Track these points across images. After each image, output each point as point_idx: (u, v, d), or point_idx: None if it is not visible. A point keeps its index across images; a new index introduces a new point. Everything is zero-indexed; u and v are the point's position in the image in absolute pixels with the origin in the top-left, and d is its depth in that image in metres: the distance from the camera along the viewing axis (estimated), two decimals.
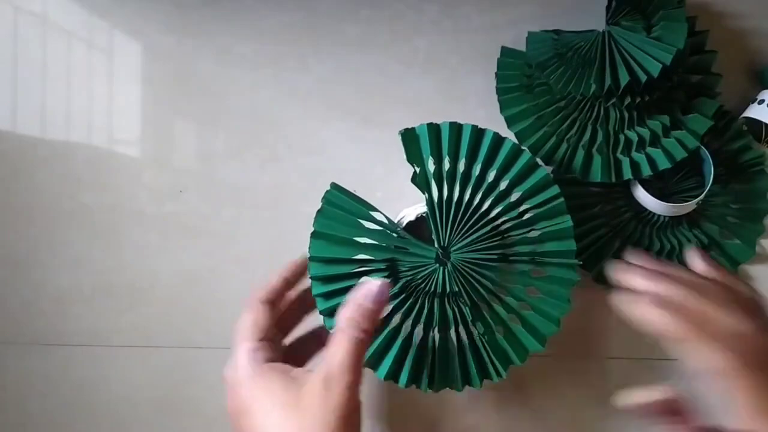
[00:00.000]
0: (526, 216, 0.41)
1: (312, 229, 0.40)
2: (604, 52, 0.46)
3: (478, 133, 0.42)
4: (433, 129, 0.41)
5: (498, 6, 0.53)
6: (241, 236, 0.51)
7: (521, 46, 0.50)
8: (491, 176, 0.42)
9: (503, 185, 0.42)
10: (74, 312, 0.50)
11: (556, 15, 0.52)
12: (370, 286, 0.36)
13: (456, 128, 0.42)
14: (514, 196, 0.42)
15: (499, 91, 0.50)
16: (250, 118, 0.52)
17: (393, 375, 0.40)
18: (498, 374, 0.41)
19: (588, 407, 0.49)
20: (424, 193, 0.41)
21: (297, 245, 0.42)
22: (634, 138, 0.47)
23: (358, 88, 0.52)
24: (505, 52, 0.51)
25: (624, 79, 0.44)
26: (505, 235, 0.41)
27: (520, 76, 0.50)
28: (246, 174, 0.52)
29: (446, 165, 0.41)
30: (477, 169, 0.42)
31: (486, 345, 0.41)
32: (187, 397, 0.50)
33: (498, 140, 0.42)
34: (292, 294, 0.43)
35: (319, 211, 0.41)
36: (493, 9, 0.53)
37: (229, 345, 0.38)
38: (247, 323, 0.39)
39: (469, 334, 0.41)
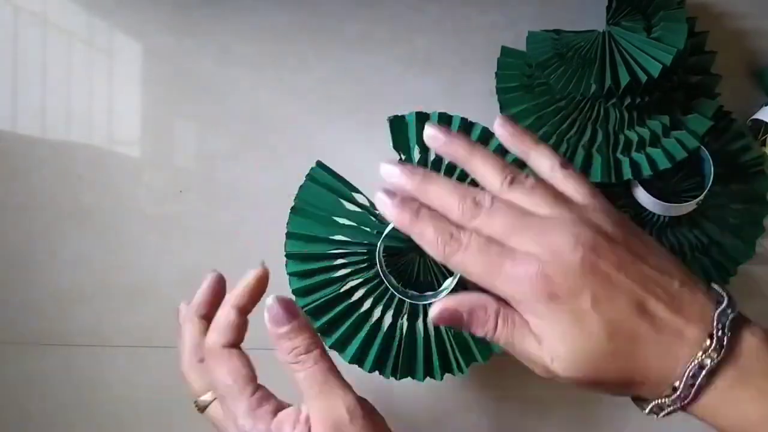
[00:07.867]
0: None
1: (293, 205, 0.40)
2: (604, 52, 0.46)
3: (467, 125, 0.42)
4: (422, 118, 0.41)
5: (498, 6, 0.53)
6: (241, 236, 0.51)
7: (521, 46, 0.50)
8: None
9: None
10: (74, 312, 0.50)
11: (556, 15, 0.52)
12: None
13: (445, 118, 0.42)
14: None
15: (499, 91, 0.50)
16: (250, 118, 0.52)
17: (358, 359, 0.40)
18: (460, 370, 0.41)
19: (590, 406, 0.49)
20: None
21: None
22: (634, 138, 0.47)
23: (358, 88, 0.52)
24: (505, 52, 0.51)
25: (624, 79, 0.44)
26: None
27: (520, 76, 0.50)
28: (246, 174, 0.51)
29: (432, 155, 0.41)
30: None
31: (451, 339, 0.41)
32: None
33: (487, 134, 0.42)
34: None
35: (301, 187, 0.40)
36: (493, 9, 0.53)
37: None
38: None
39: (437, 326, 0.41)
